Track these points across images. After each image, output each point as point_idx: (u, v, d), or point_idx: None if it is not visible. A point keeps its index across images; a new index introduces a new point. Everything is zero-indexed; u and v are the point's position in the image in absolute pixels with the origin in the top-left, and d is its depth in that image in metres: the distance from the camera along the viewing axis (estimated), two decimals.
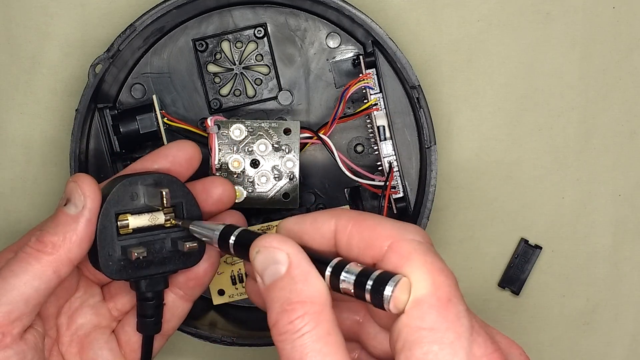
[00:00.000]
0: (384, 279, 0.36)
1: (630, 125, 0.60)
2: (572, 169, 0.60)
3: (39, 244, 0.42)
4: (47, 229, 0.43)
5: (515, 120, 0.60)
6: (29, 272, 0.42)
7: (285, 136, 0.55)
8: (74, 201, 0.43)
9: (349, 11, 0.54)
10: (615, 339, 0.60)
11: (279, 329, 0.36)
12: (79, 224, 0.43)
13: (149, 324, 0.47)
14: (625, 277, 0.60)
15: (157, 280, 0.46)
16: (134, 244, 0.45)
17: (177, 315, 0.48)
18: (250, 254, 0.39)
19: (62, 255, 0.42)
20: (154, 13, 0.54)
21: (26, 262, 0.42)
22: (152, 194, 0.45)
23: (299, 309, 0.36)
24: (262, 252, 0.38)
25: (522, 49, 0.59)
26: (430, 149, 0.55)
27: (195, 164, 0.48)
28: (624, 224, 0.60)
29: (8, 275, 0.42)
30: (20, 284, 0.42)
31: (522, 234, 0.60)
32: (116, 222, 0.44)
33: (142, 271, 0.45)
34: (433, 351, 0.35)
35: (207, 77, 0.57)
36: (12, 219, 0.59)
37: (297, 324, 0.36)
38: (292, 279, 0.37)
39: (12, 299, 0.42)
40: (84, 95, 0.54)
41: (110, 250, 0.44)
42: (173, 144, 0.48)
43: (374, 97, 0.56)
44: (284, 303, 0.36)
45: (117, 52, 0.54)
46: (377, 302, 0.36)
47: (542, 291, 0.60)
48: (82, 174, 0.44)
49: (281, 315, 0.36)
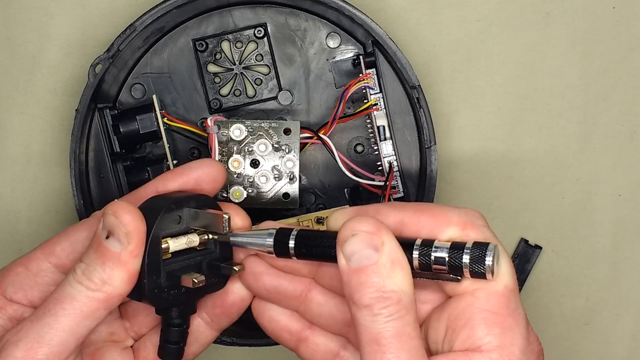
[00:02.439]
0: (482, 247, 0.39)
1: (630, 125, 0.60)
2: (572, 169, 0.60)
3: (89, 282, 0.40)
4: (93, 264, 0.40)
5: (515, 120, 0.60)
6: (83, 311, 0.40)
7: (285, 136, 0.55)
8: (118, 238, 0.40)
9: (349, 11, 0.54)
10: (615, 339, 0.60)
11: (373, 311, 0.37)
12: (128, 263, 0.40)
13: (172, 350, 0.44)
14: (625, 277, 0.60)
15: (188, 305, 0.44)
16: (177, 268, 0.42)
17: (200, 342, 0.46)
18: (343, 234, 0.39)
19: (114, 292, 0.40)
20: (154, 13, 0.54)
21: (78, 300, 0.40)
22: (194, 216, 0.43)
23: (393, 297, 0.38)
24: (359, 235, 0.38)
25: (522, 49, 0.59)
26: (430, 149, 0.55)
27: (218, 185, 0.45)
28: (624, 224, 0.60)
29: (59, 312, 0.40)
30: (72, 324, 0.40)
31: (522, 234, 0.60)
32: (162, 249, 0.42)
33: (179, 297, 0.43)
34: (495, 333, 0.38)
35: (207, 77, 0.57)
36: (12, 219, 0.59)
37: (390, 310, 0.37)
38: (386, 267, 0.38)
39: (64, 339, 0.40)
40: (84, 95, 0.54)
41: (157, 279, 0.42)
42: (198, 163, 0.45)
43: (374, 97, 0.56)
44: (379, 289, 0.38)
45: (117, 52, 0.54)
46: (478, 269, 0.38)
47: (542, 291, 0.60)
48: (122, 203, 0.41)
49: (377, 300, 0.38)
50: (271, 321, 0.46)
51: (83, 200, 0.54)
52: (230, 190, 0.55)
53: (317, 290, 0.44)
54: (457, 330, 0.39)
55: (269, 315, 0.46)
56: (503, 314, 0.39)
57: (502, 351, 0.38)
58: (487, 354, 0.38)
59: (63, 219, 0.59)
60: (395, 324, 0.37)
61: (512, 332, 0.39)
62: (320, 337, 0.45)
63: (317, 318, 0.45)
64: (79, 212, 0.54)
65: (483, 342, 0.38)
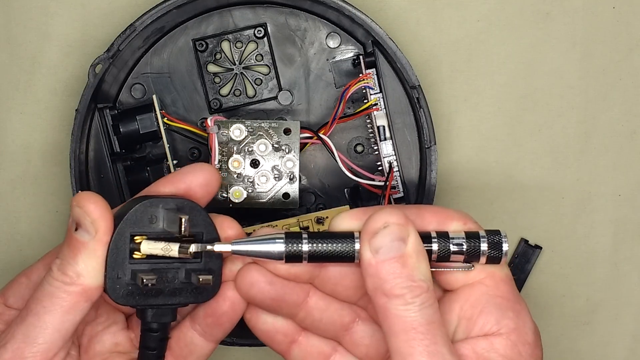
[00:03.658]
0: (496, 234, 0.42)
1: (630, 125, 0.60)
2: (572, 169, 0.60)
3: (64, 276, 0.41)
4: (67, 258, 0.41)
5: (515, 120, 0.60)
6: (63, 306, 0.40)
7: (285, 136, 0.55)
8: (85, 227, 0.41)
9: (349, 11, 0.54)
10: (615, 339, 0.60)
11: (406, 300, 0.39)
12: (97, 251, 0.41)
13: (150, 357, 0.44)
14: (625, 277, 0.60)
15: (164, 311, 0.43)
16: (145, 269, 0.42)
17: (196, 353, 0.46)
18: (373, 226, 0.40)
19: (90, 284, 0.41)
20: (154, 13, 0.54)
21: (56, 296, 0.40)
22: (172, 219, 0.42)
23: (423, 286, 0.39)
24: (392, 227, 0.40)
25: (522, 49, 0.59)
26: (430, 149, 0.55)
27: (212, 190, 0.45)
28: (624, 224, 0.60)
29: (40, 311, 0.40)
30: (55, 320, 0.40)
31: (522, 234, 0.60)
32: (130, 244, 0.42)
33: (150, 300, 0.42)
34: (510, 316, 0.41)
35: (207, 77, 0.57)
36: (12, 219, 0.59)
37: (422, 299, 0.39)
38: (413, 258, 0.40)
39: (49, 337, 0.40)
40: (84, 95, 0.54)
41: (119, 273, 0.42)
42: (190, 168, 0.45)
43: (374, 97, 0.56)
44: (409, 279, 0.39)
45: (117, 52, 0.54)
46: (495, 254, 0.42)
47: (542, 291, 0.60)
48: (87, 193, 0.41)
49: (409, 289, 0.39)
50: (266, 323, 0.46)
51: None
52: (230, 190, 0.55)
53: (318, 295, 0.44)
54: (474, 318, 0.41)
55: (263, 318, 0.46)
56: (512, 299, 0.42)
57: (519, 332, 0.41)
58: (506, 336, 0.41)
59: (63, 219, 0.59)
60: (427, 311, 0.39)
61: (523, 315, 0.42)
62: (314, 339, 0.46)
63: (317, 324, 0.45)
64: None
65: (500, 326, 0.41)
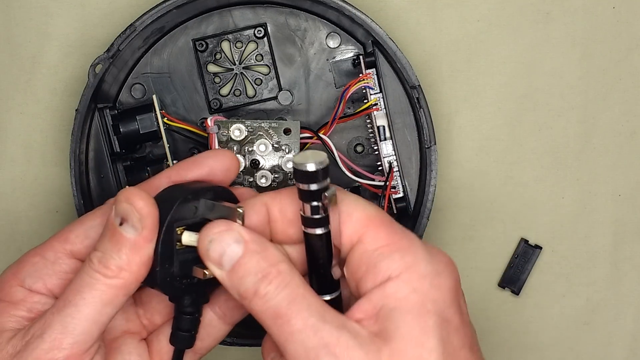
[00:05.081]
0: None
1: (630, 125, 0.60)
2: (572, 169, 0.60)
3: (106, 269, 0.40)
4: (109, 252, 0.41)
5: (515, 120, 0.60)
6: (102, 299, 0.40)
7: (285, 136, 0.55)
8: (132, 223, 0.40)
9: (349, 11, 0.54)
10: (615, 339, 0.60)
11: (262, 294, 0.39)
12: (143, 248, 0.41)
13: (184, 337, 0.44)
14: (625, 277, 0.60)
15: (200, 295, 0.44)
16: (191, 258, 0.42)
17: (213, 336, 0.46)
18: (202, 247, 0.40)
19: (131, 278, 0.41)
20: (154, 13, 0.54)
21: (96, 288, 0.40)
22: (210, 207, 0.43)
23: (272, 271, 0.39)
24: (216, 239, 0.40)
25: (522, 49, 0.59)
26: (430, 149, 0.55)
27: (232, 175, 0.45)
28: (624, 224, 0.60)
29: (80, 302, 0.40)
30: (93, 312, 0.40)
31: (522, 234, 0.60)
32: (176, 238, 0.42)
33: (192, 286, 0.43)
34: (395, 258, 0.39)
35: (207, 77, 0.57)
36: (12, 219, 0.59)
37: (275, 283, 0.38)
38: (256, 252, 0.39)
39: (87, 328, 0.40)
40: (84, 95, 0.54)
41: (170, 268, 0.42)
42: (212, 153, 0.46)
43: (374, 97, 0.56)
44: (255, 273, 0.39)
45: (117, 52, 0.54)
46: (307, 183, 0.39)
47: (542, 291, 0.60)
48: (135, 189, 0.41)
49: (261, 281, 0.39)
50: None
51: (83, 200, 0.54)
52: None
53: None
54: (363, 278, 0.39)
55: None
56: (395, 242, 0.39)
57: (410, 269, 0.39)
58: (397, 278, 0.39)
59: (63, 219, 0.59)
60: (285, 292, 0.38)
61: (410, 251, 0.39)
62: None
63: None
64: (79, 212, 0.54)
65: (390, 272, 0.39)
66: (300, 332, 0.37)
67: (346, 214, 0.40)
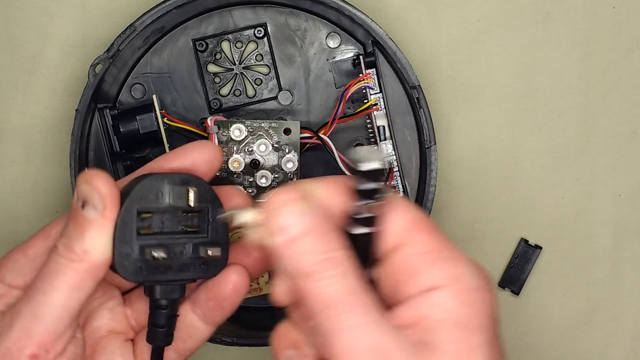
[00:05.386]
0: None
1: (630, 125, 0.60)
2: (572, 169, 0.60)
3: (71, 254, 0.40)
4: (73, 236, 0.41)
5: (515, 120, 0.60)
6: (69, 284, 0.40)
7: (285, 136, 0.55)
8: (93, 203, 0.40)
9: (349, 11, 0.54)
10: (615, 339, 0.60)
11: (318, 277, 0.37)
12: (106, 228, 0.40)
13: (159, 334, 0.44)
14: (625, 277, 0.60)
15: (173, 287, 0.43)
16: (154, 244, 0.42)
17: (195, 337, 0.46)
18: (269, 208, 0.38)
19: (97, 260, 0.40)
20: (154, 13, 0.54)
21: (63, 273, 0.40)
22: (178, 193, 0.42)
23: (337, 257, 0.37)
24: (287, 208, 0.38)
25: (522, 49, 0.59)
26: (430, 149, 0.55)
27: (215, 167, 0.45)
28: (624, 224, 0.60)
29: (48, 289, 0.40)
30: (62, 298, 0.40)
31: (522, 234, 0.60)
32: (137, 220, 0.42)
33: (159, 275, 0.42)
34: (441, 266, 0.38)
35: (207, 77, 0.57)
36: (12, 219, 0.59)
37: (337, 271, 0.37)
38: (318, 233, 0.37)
39: (57, 314, 0.40)
40: (84, 95, 0.54)
41: (128, 249, 0.41)
42: (194, 144, 0.45)
43: (374, 97, 0.56)
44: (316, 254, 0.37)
45: (117, 52, 0.54)
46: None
47: (542, 291, 0.60)
48: (94, 171, 0.41)
49: (321, 263, 0.37)
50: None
51: None
52: None
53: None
54: (405, 281, 0.38)
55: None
56: (441, 249, 0.38)
57: (458, 280, 0.38)
58: (444, 288, 0.37)
59: None
60: (347, 282, 0.37)
61: (459, 261, 0.38)
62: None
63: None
64: None
65: (435, 280, 0.38)
66: (353, 329, 0.36)
67: (393, 215, 0.39)
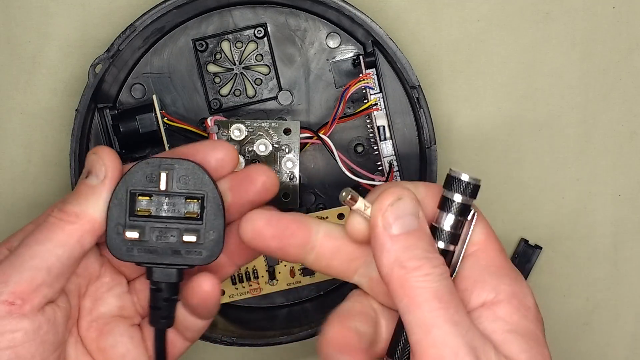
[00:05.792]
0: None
1: (630, 125, 0.60)
2: (572, 169, 0.60)
3: (62, 214, 0.42)
4: (69, 200, 0.42)
5: (515, 120, 0.60)
6: (53, 240, 0.41)
7: (285, 136, 0.55)
8: (95, 172, 0.42)
9: (349, 11, 0.54)
10: (615, 339, 0.60)
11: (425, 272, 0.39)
12: (102, 194, 0.42)
13: (156, 315, 0.44)
14: (625, 277, 0.60)
15: (169, 271, 0.44)
16: (144, 226, 0.43)
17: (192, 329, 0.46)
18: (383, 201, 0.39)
19: (85, 224, 0.42)
20: (154, 13, 0.54)
21: (50, 230, 0.42)
22: (175, 178, 0.43)
23: (438, 257, 0.39)
24: (405, 202, 0.40)
25: (522, 49, 0.59)
26: (430, 149, 0.55)
27: (228, 167, 0.44)
28: (624, 224, 0.60)
29: (32, 242, 0.41)
30: (43, 251, 0.41)
31: (522, 234, 0.60)
32: (132, 201, 0.42)
33: (152, 258, 0.43)
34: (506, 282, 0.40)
35: (207, 77, 0.57)
36: (12, 219, 0.59)
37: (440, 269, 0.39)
38: (425, 233, 0.40)
39: (35, 265, 0.41)
40: (84, 95, 0.54)
41: (119, 228, 0.43)
42: (211, 142, 0.45)
43: (374, 97, 0.56)
44: (425, 251, 0.39)
45: (117, 52, 0.54)
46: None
47: (542, 291, 0.60)
48: (103, 146, 0.43)
49: (426, 261, 0.39)
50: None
51: None
52: None
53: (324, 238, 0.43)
54: (470, 290, 0.40)
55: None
56: (506, 267, 0.41)
57: (519, 297, 0.40)
58: (507, 302, 0.40)
59: None
60: (447, 282, 0.39)
61: (520, 282, 0.41)
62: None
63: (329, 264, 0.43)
64: None
65: (498, 293, 0.40)
66: (456, 324, 0.38)
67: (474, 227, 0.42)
